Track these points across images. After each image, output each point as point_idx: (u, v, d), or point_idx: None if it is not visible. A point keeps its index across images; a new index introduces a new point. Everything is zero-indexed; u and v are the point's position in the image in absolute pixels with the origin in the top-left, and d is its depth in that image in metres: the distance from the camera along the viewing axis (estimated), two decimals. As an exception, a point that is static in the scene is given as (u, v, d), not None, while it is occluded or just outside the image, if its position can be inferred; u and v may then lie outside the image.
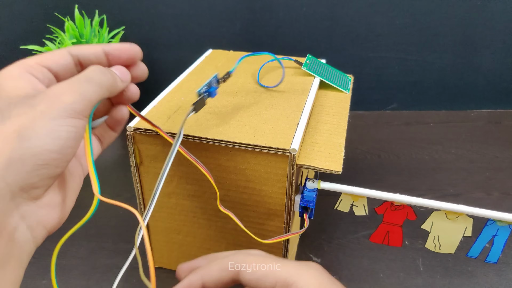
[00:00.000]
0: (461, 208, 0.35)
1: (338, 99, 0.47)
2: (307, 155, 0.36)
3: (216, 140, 0.35)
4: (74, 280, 0.46)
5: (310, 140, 0.39)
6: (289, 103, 0.42)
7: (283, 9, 0.76)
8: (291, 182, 0.35)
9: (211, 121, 0.38)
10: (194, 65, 0.52)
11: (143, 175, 0.40)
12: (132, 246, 0.50)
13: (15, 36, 0.76)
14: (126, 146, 0.72)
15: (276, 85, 0.46)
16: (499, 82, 0.83)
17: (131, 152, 0.38)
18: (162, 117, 0.39)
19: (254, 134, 0.36)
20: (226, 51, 0.58)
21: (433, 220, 0.37)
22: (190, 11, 0.76)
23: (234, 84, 0.46)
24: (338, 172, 0.34)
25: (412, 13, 0.77)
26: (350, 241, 0.52)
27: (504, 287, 0.45)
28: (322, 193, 0.39)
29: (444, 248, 0.38)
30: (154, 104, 0.41)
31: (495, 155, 0.70)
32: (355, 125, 0.79)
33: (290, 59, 0.51)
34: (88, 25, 0.71)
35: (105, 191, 0.60)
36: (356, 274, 0.47)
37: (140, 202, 0.42)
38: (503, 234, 0.36)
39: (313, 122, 0.42)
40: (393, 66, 0.82)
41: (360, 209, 0.38)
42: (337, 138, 0.39)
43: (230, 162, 0.36)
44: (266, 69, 0.50)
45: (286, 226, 0.38)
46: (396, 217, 0.38)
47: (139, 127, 0.37)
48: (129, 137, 0.37)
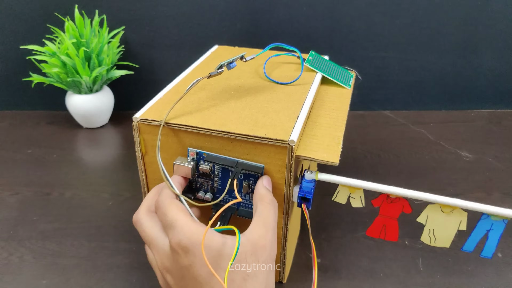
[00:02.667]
0: (455, 201, 0.35)
1: (339, 95, 0.48)
2: (306, 147, 0.37)
3: (219, 131, 0.36)
4: (74, 280, 0.46)
5: (309, 132, 0.40)
6: (291, 97, 0.43)
7: (283, 9, 0.76)
8: (290, 172, 0.36)
9: (214, 112, 0.39)
10: (200, 59, 0.54)
11: (147, 164, 0.41)
12: (133, 246, 0.50)
13: (15, 36, 0.77)
14: (126, 146, 0.72)
15: (292, 82, 0.47)
16: (499, 82, 0.83)
17: (137, 142, 0.40)
18: (167, 108, 0.40)
19: (255, 125, 0.37)
20: (231, 47, 0.59)
21: (428, 213, 0.37)
22: (190, 11, 0.76)
23: (238, 78, 0.47)
24: (335, 163, 0.35)
25: (412, 13, 0.77)
26: (350, 241, 0.52)
27: (504, 287, 0.45)
28: (322, 193, 0.39)
29: (439, 242, 0.38)
30: (160, 96, 0.43)
31: (495, 155, 0.70)
32: (355, 125, 0.79)
33: (300, 55, 0.52)
34: (88, 25, 0.71)
35: (106, 191, 0.60)
36: (356, 274, 0.47)
37: (145, 191, 0.43)
38: (498, 229, 0.36)
39: (313, 116, 0.43)
40: (393, 66, 0.82)
41: (357, 201, 0.38)
42: (336, 132, 0.40)
43: (231, 153, 0.37)
44: (271, 64, 0.52)
45: (285, 216, 0.39)
46: (392, 210, 0.38)
47: (144, 117, 0.38)
48: (134, 127, 0.39)
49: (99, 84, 0.73)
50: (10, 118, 0.81)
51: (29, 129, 0.77)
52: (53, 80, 0.72)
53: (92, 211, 0.56)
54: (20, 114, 0.82)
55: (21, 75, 0.78)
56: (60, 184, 0.61)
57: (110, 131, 0.77)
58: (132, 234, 0.52)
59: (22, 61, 0.78)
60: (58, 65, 0.69)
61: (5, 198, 0.58)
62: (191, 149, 0.38)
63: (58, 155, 0.69)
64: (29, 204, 0.57)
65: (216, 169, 0.38)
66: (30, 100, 0.82)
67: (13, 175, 0.63)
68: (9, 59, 0.78)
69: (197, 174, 0.39)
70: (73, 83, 0.71)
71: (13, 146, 0.71)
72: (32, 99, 0.82)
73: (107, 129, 0.78)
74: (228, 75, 0.48)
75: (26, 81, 0.77)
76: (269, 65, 0.52)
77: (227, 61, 0.40)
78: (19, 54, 0.77)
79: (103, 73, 0.72)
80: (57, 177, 0.63)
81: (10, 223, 0.54)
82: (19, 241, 0.51)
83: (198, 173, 0.39)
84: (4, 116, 0.81)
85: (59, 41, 0.72)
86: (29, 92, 0.80)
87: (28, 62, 0.76)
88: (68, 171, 0.65)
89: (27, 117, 0.81)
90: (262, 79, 0.48)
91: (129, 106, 0.83)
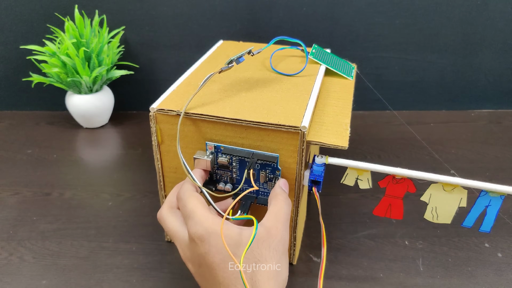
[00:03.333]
0: (457, 180, 0.38)
1: (343, 85, 0.51)
2: (316, 132, 0.39)
3: (233, 119, 0.38)
4: (74, 280, 0.46)
5: (318, 120, 0.42)
6: (298, 88, 0.45)
7: (283, 9, 0.76)
8: (301, 157, 0.38)
9: (228, 103, 0.41)
10: (206, 54, 0.56)
11: (163, 153, 0.43)
12: (132, 246, 0.50)
13: (15, 36, 0.77)
14: (126, 146, 0.72)
15: (298, 73, 0.49)
16: (499, 82, 0.83)
17: (153, 132, 0.42)
18: (182, 99, 0.42)
19: (268, 114, 0.39)
20: (236, 42, 0.61)
21: (431, 192, 0.40)
22: (190, 12, 0.76)
23: (246, 71, 0.49)
24: (344, 147, 0.37)
25: (412, 13, 0.77)
26: (350, 241, 0.52)
27: (504, 287, 0.45)
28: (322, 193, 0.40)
29: (441, 219, 0.41)
30: (174, 88, 0.44)
31: (496, 155, 0.70)
32: (355, 125, 0.79)
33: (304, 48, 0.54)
34: (88, 25, 0.71)
35: (106, 191, 0.60)
36: (356, 274, 0.47)
37: (160, 180, 0.45)
38: (495, 204, 0.38)
39: (320, 105, 0.45)
40: (393, 66, 0.82)
41: (364, 183, 0.40)
42: (343, 119, 0.42)
43: (245, 140, 0.39)
44: (276, 58, 0.54)
45: (296, 199, 0.41)
46: (397, 190, 0.40)
47: (161, 108, 0.40)
48: (151, 117, 0.41)
49: (99, 84, 0.73)
50: (10, 118, 0.81)
51: (29, 129, 0.77)
52: (53, 80, 0.72)
53: (92, 211, 0.56)
54: (20, 114, 0.82)
55: (21, 75, 0.78)
56: (60, 184, 0.61)
57: (110, 131, 0.77)
58: (132, 234, 0.52)
59: (22, 61, 0.78)
60: (58, 65, 0.69)
61: (5, 198, 0.58)
62: (209, 143, 0.40)
63: (58, 155, 0.69)
64: (29, 204, 0.57)
65: (233, 161, 0.40)
66: (30, 100, 0.82)
67: (13, 175, 0.63)
68: (9, 59, 0.78)
69: (216, 167, 0.41)
70: (73, 83, 0.71)
71: (13, 146, 0.71)
72: (32, 99, 0.82)
73: (107, 129, 0.78)
74: (237, 68, 0.50)
75: (26, 81, 0.77)
76: (275, 58, 0.54)
77: (236, 56, 0.42)
78: (19, 54, 0.77)
79: (103, 73, 0.72)
80: (57, 177, 0.63)
81: (10, 223, 0.54)
82: (19, 241, 0.51)
83: (217, 165, 0.41)
84: (4, 116, 0.81)
85: (59, 41, 0.72)
86: (29, 92, 0.80)
87: (28, 62, 0.76)
88: (68, 171, 0.65)
89: (27, 117, 0.81)
90: (269, 71, 0.50)
91: (129, 106, 0.83)
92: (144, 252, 0.49)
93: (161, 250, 0.49)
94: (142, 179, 0.63)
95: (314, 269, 0.47)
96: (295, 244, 0.45)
